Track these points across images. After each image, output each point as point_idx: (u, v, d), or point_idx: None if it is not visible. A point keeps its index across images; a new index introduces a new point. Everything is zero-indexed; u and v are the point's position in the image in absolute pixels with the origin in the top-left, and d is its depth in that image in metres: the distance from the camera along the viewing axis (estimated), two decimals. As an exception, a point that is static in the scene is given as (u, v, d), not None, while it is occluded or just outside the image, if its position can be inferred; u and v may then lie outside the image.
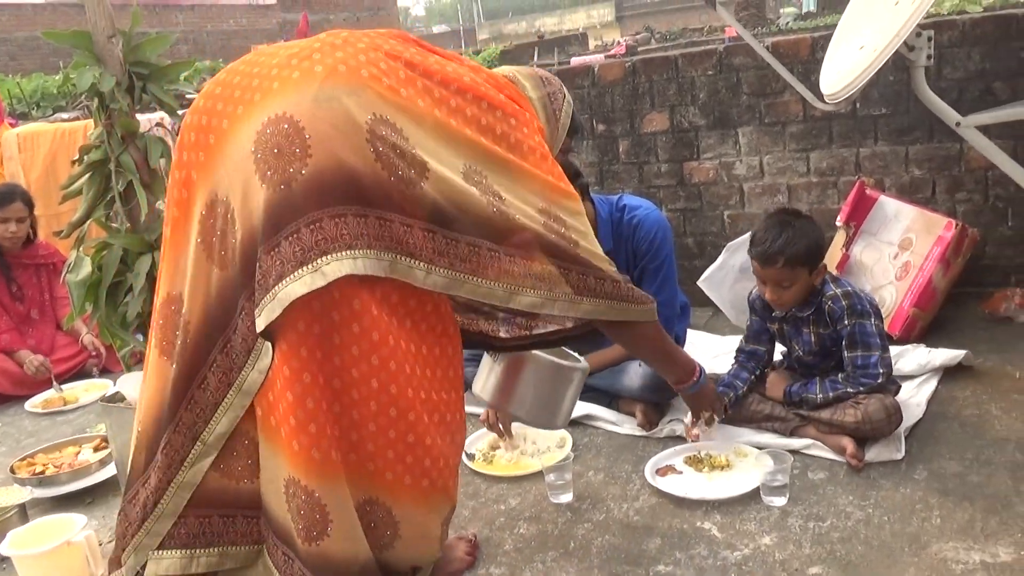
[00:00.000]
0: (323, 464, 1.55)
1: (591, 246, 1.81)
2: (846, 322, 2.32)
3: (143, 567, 1.70)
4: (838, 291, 2.34)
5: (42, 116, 7.44)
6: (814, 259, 2.32)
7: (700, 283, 3.34)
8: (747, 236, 3.26)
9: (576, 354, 2.29)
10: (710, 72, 3.58)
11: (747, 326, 2.61)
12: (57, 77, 8.88)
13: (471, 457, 2.56)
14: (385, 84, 1.57)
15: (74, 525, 2.09)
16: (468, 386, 2.90)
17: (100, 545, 2.16)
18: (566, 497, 2.27)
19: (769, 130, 3.52)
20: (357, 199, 1.50)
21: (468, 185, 1.62)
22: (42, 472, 2.61)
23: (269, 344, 1.53)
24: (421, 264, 1.55)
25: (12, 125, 5.66)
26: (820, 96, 2.82)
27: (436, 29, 39.66)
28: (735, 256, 3.26)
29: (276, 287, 1.48)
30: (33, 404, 3.55)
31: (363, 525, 1.63)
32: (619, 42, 14.48)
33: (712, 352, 3.09)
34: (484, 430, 2.73)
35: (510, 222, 1.65)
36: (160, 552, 1.68)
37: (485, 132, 1.69)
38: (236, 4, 21.30)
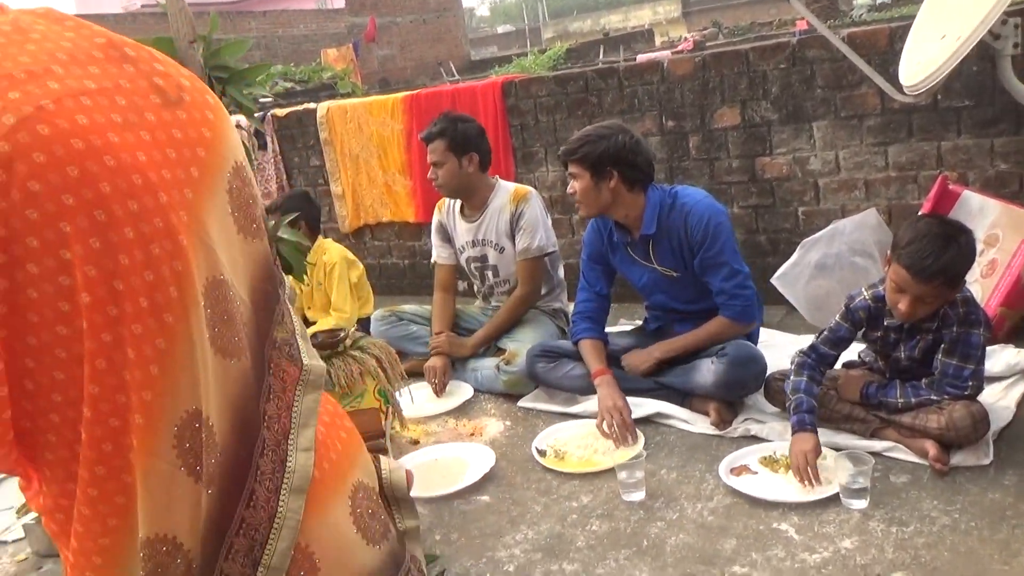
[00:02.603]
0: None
1: None
2: (955, 328, 2.19)
3: None
4: (958, 296, 2.20)
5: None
6: (964, 279, 2.17)
7: (774, 281, 3.28)
8: (823, 233, 3.21)
9: None
10: (783, 65, 3.51)
11: (831, 329, 2.38)
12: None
13: (542, 453, 2.57)
14: None
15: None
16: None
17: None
18: (638, 495, 2.26)
19: (845, 124, 3.43)
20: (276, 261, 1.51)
21: None
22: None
23: (306, 407, 1.39)
24: None
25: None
26: (899, 88, 2.74)
27: (500, 29, 39.86)
28: (810, 253, 3.19)
29: (298, 327, 1.42)
30: None
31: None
32: (686, 38, 14.31)
33: (785, 352, 3.03)
34: (555, 426, 2.74)
35: None
36: None
37: None
38: (305, 9, 21.79)
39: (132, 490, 1.16)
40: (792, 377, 2.35)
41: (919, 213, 3.16)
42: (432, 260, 3.57)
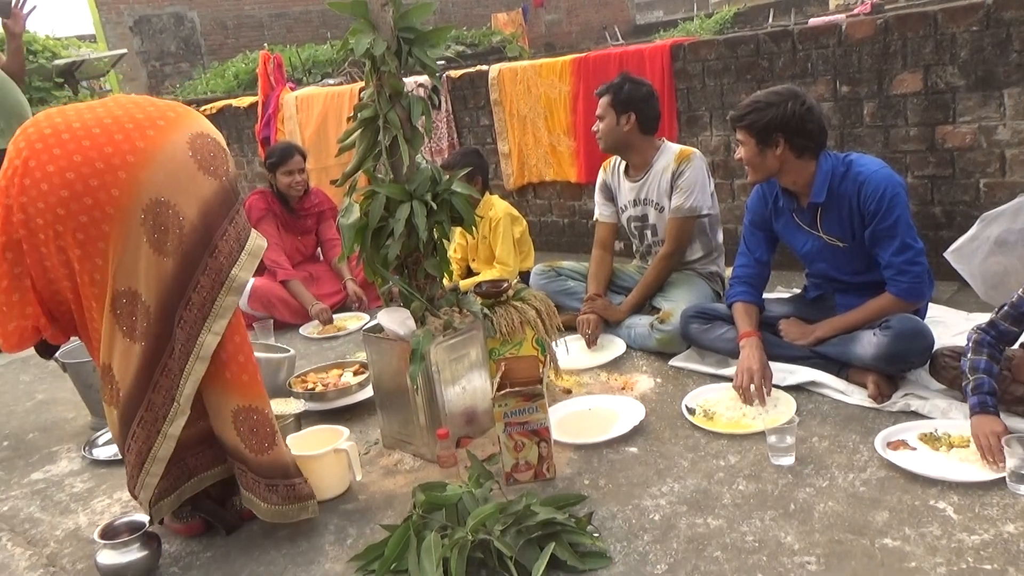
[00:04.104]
0: (251, 385, 2.10)
1: None
2: None
3: (151, 500, 2.13)
4: None
5: (313, 81, 8.24)
6: None
7: (947, 255, 3.13)
8: (1007, 207, 3.02)
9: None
10: (974, 28, 3.30)
11: (1013, 304, 2.21)
12: (325, 46, 9.77)
13: (692, 412, 2.62)
14: None
15: (340, 435, 2.41)
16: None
17: (359, 455, 2.47)
18: (787, 460, 2.27)
19: (1042, 91, 3.19)
20: (236, 196, 2.12)
21: None
22: (312, 389, 3.01)
23: (225, 306, 2.02)
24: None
25: (291, 89, 6.37)
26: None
27: (666, -10, 38.63)
28: (990, 228, 3.02)
29: (248, 245, 2.07)
30: (308, 330, 4.07)
31: (250, 426, 2.11)
32: (863, 1, 13.43)
33: (955, 330, 2.91)
34: (706, 387, 2.78)
35: None
36: (158, 504, 2.14)
37: None
38: (479, -26, 22.00)
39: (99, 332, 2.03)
40: (970, 355, 2.24)
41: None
42: (594, 218, 3.65)
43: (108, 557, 2.07)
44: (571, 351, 3.11)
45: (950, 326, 2.95)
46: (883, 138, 3.65)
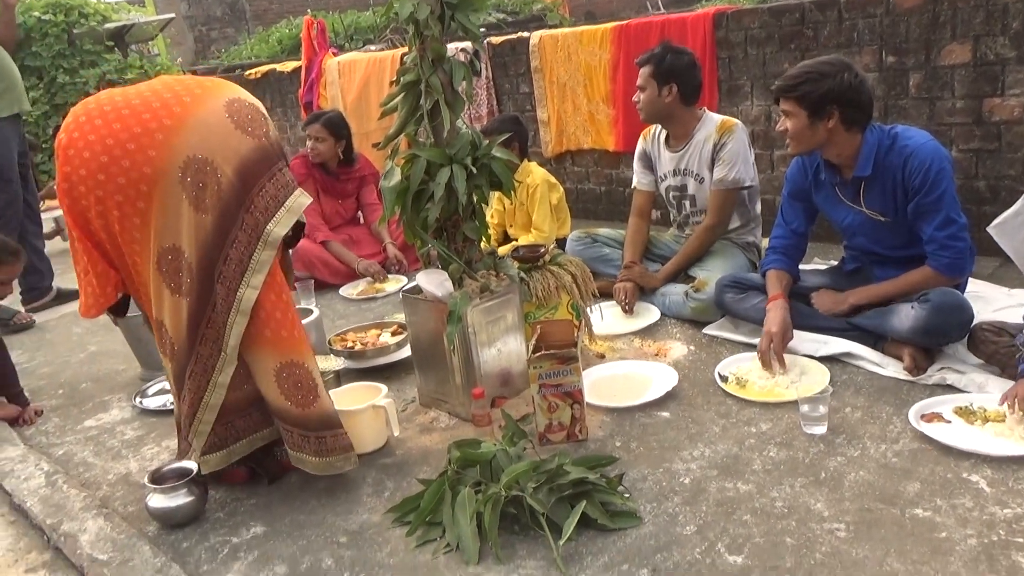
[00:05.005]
0: (290, 341, 2.15)
1: None
2: None
3: (202, 449, 2.21)
4: None
5: (355, 48, 8.28)
6: None
7: (990, 229, 3.07)
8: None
9: None
10: (1029, -2, 3.22)
11: None
12: (368, 13, 9.79)
13: (724, 379, 2.64)
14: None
15: (379, 392, 2.47)
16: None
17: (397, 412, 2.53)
18: (820, 429, 2.28)
19: (1097, 64, 3.12)
20: (282, 155, 2.18)
21: None
22: (352, 347, 3.08)
23: (262, 261, 2.07)
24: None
25: (334, 54, 6.41)
26: None
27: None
28: (1036, 203, 2.97)
29: (288, 202, 2.11)
30: (347, 291, 4.14)
31: (294, 382, 2.16)
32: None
33: (995, 305, 2.89)
34: (739, 355, 2.79)
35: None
36: (207, 455, 2.21)
37: None
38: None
39: (148, 293, 2.16)
40: None
41: None
42: (632, 186, 3.65)
43: (158, 501, 2.16)
44: (605, 317, 3.14)
45: (990, 301, 2.92)
46: (928, 110, 3.59)
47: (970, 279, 2.82)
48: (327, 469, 2.22)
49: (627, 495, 2.05)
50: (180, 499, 2.16)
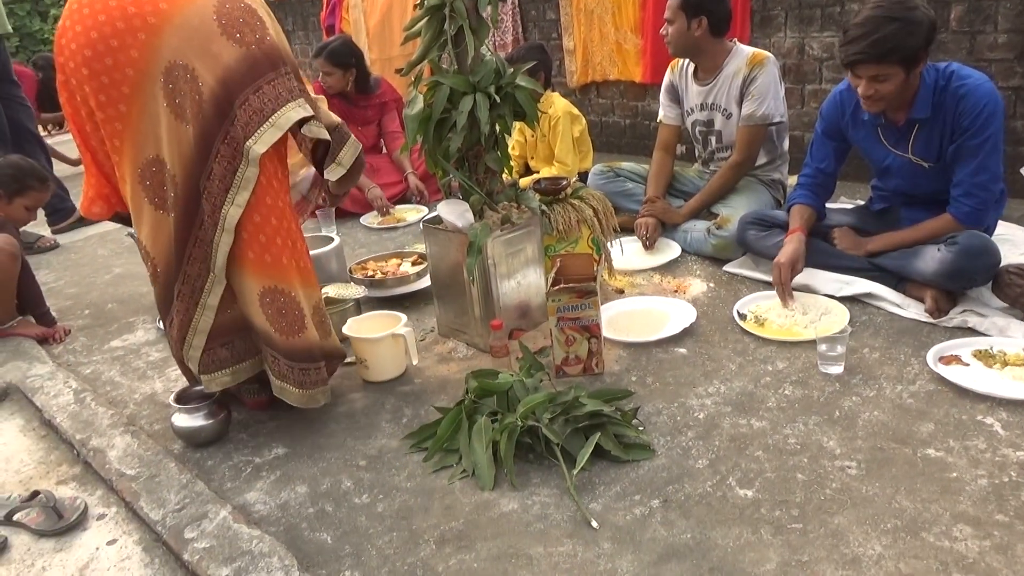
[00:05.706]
0: (274, 266, 2.05)
1: None
2: None
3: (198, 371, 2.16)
4: None
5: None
6: None
7: (1023, 171, 3.02)
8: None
9: None
10: (1083, -72, 3.07)
11: None
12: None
13: (743, 317, 2.63)
14: None
15: (399, 321, 2.50)
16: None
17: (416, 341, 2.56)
18: (836, 369, 2.28)
19: None
20: (282, 62, 2.00)
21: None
22: (373, 276, 3.10)
23: (247, 178, 1.95)
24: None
25: (356, -26, 6.25)
26: None
27: None
28: (1074, 145, 2.89)
29: (273, 117, 1.94)
30: (368, 220, 4.15)
31: (277, 308, 2.07)
32: None
33: (1023, 248, 2.84)
34: (759, 293, 2.78)
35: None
36: (213, 374, 2.16)
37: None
38: None
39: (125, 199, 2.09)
40: None
41: None
42: (657, 119, 3.59)
43: (183, 420, 2.22)
44: (626, 252, 3.13)
45: (1018, 244, 2.88)
46: (968, 44, 3.47)
47: (1000, 221, 2.77)
48: (308, 402, 2.19)
49: (641, 428, 2.07)
50: (204, 419, 2.22)
